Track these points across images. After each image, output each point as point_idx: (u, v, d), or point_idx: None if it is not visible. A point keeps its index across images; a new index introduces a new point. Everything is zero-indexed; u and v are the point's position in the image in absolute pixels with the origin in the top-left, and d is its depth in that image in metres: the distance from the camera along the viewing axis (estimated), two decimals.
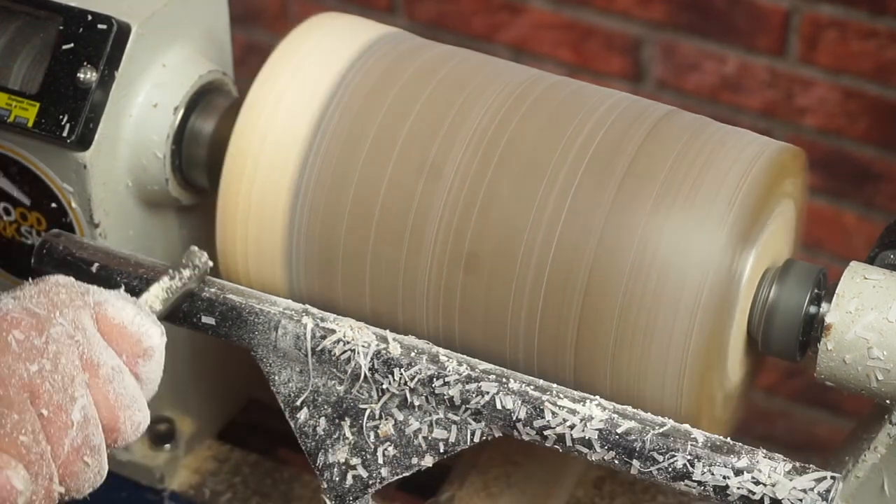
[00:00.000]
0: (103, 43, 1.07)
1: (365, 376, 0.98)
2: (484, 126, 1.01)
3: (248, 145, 1.03)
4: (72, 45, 1.08)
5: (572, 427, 0.93)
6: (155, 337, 0.89)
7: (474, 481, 1.15)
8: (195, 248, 1.00)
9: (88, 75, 1.07)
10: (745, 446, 0.92)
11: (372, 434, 0.99)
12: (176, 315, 1.00)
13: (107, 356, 0.86)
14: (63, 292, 0.87)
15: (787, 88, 2.02)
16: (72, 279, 0.89)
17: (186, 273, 0.98)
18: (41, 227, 1.12)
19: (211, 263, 1.00)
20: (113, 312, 0.88)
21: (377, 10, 2.22)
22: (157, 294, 0.96)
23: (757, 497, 0.90)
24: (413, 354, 0.97)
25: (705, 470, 0.91)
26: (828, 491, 0.89)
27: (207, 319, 1.01)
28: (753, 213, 0.97)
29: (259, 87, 1.04)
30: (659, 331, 0.95)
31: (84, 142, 1.07)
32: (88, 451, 0.84)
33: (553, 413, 0.94)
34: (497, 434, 0.96)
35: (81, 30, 1.08)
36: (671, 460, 0.91)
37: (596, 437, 0.93)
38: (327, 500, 1.00)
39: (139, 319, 0.88)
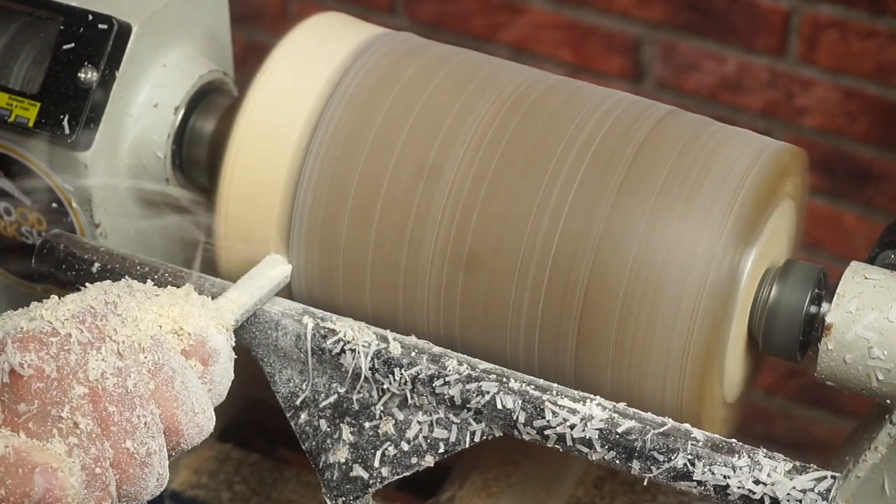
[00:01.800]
0: (104, 43, 1.07)
1: (365, 376, 0.98)
2: (485, 126, 1.01)
3: (248, 145, 1.03)
4: (72, 44, 1.08)
5: (573, 427, 0.94)
6: (219, 339, 0.88)
7: (475, 481, 1.15)
8: (276, 256, 1.00)
9: (89, 75, 1.07)
10: (746, 446, 0.92)
11: (372, 434, 0.99)
12: None
13: (169, 358, 0.85)
14: (132, 294, 0.86)
15: (787, 88, 2.02)
16: (141, 284, 0.89)
17: (265, 280, 0.98)
18: (42, 227, 1.12)
19: (289, 272, 1.01)
20: (178, 314, 0.87)
21: (377, 10, 2.22)
22: (233, 298, 0.95)
23: (757, 496, 0.90)
24: (413, 354, 0.97)
25: (706, 469, 0.91)
26: (828, 490, 0.89)
27: None
28: (754, 212, 0.97)
29: (259, 86, 1.04)
30: (660, 330, 0.96)
31: (84, 142, 1.07)
32: (148, 457, 0.82)
33: (553, 413, 0.94)
34: (497, 434, 0.96)
35: (82, 30, 1.08)
36: (671, 460, 0.91)
37: (596, 436, 0.93)
38: (328, 500, 1.01)
39: (203, 322, 0.88)
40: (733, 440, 0.92)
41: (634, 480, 1.19)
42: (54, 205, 1.11)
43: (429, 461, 0.99)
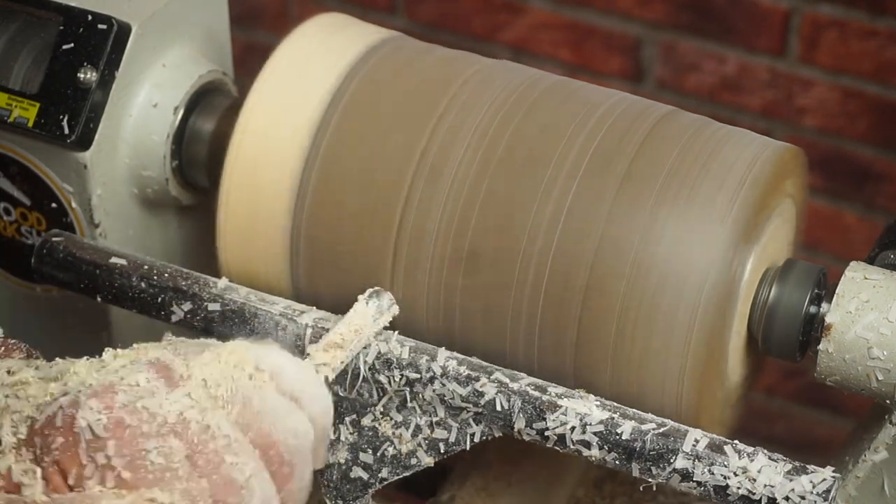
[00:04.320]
0: (103, 43, 1.07)
1: (365, 376, 0.98)
2: (484, 126, 1.01)
3: (249, 145, 1.03)
4: (72, 45, 1.08)
5: (572, 427, 0.93)
6: (295, 373, 0.86)
7: (474, 481, 1.15)
8: (379, 289, 0.98)
9: (89, 75, 1.07)
10: (746, 446, 0.92)
11: (372, 434, 0.99)
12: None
13: (241, 384, 0.84)
14: (191, 342, 0.86)
15: (787, 88, 2.02)
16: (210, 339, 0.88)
17: (365, 319, 0.96)
18: (41, 227, 1.12)
19: (397, 310, 0.98)
20: (237, 352, 0.86)
21: (377, 10, 2.22)
22: (332, 340, 0.94)
23: (757, 497, 0.90)
24: (413, 355, 0.97)
25: (705, 470, 0.91)
26: (828, 491, 0.89)
27: (208, 319, 1.01)
28: (754, 212, 0.97)
29: (260, 86, 1.04)
30: (659, 330, 0.95)
31: (84, 142, 1.07)
32: (245, 480, 0.81)
33: (553, 413, 0.94)
34: (497, 434, 0.96)
35: (82, 30, 1.08)
36: (671, 461, 0.91)
37: (596, 437, 0.93)
38: (327, 500, 1.00)
39: (275, 355, 0.86)
40: (733, 440, 0.92)
41: (634, 480, 1.19)
42: (54, 205, 1.11)
43: (429, 461, 0.99)
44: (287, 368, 0.86)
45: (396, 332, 0.98)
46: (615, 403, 0.95)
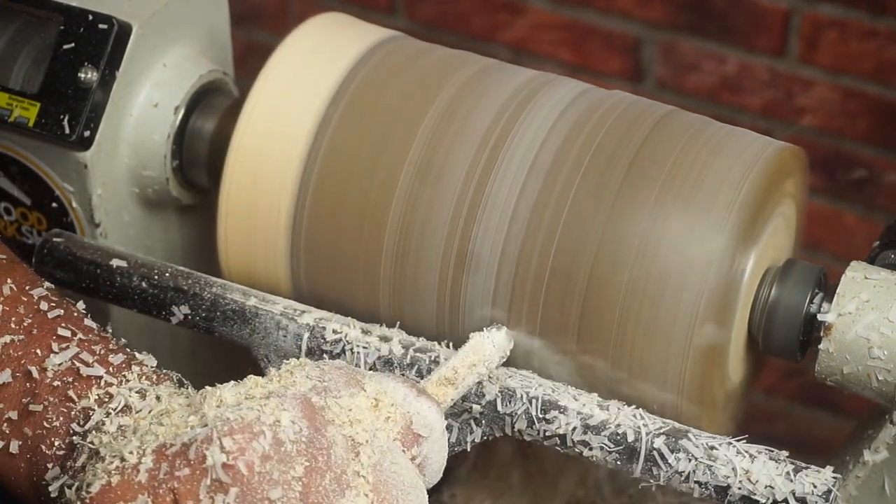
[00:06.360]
0: (104, 43, 1.07)
1: None
2: (486, 127, 1.01)
3: (249, 145, 1.03)
4: (72, 44, 1.08)
5: (574, 428, 0.93)
6: (429, 416, 0.85)
7: (475, 481, 1.15)
8: (499, 325, 0.96)
9: (89, 75, 1.07)
10: (747, 446, 0.92)
11: None
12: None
13: (378, 439, 0.82)
14: (337, 376, 0.83)
15: (787, 88, 2.02)
16: (346, 364, 0.86)
17: (480, 355, 0.94)
18: (42, 227, 1.12)
19: (510, 347, 0.96)
20: (385, 393, 0.84)
21: (377, 10, 2.22)
22: (444, 375, 0.92)
23: (757, 497, 0.90)
24: (414, 355, 0.97)
25: (706, 470, 0.91)
26: (828, 491, 0.89)
27: (209, 319, 1.01)
28: (754, 212, 0.97)
29: (261, 86, 1.04)
30: (659, 331, 0.95)
31: (85, 141, 1.07)
32: None
33: (554, 413, 0.94)
34: (498, 434, 0.96)
35: (82, 29, 1.08)
36: (672, 461, 0.91)
37: (597, 437, 0.93)
38: None
39: (410, 398, 0.84)
40: (733, 440, 0.92)
41: (634, 480, 1.19)
42: (54, 205, 1.11)
43: None
44: (437, 433, 0.85)
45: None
46: (616, 403, 0.94)
